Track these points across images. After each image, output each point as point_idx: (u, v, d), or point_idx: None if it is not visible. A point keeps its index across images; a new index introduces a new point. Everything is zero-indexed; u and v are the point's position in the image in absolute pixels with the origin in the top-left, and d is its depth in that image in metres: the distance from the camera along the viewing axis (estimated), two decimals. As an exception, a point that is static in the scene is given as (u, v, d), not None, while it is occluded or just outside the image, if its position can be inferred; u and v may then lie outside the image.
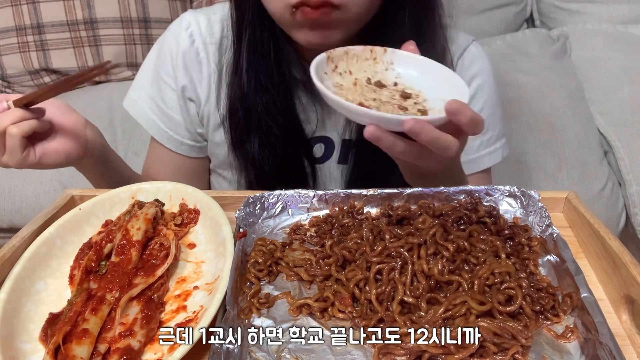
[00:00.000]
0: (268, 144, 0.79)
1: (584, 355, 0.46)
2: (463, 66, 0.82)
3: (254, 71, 0.75)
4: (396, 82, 0.63)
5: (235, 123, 0.80)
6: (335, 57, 0.62)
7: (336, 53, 0.62)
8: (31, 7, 1.41)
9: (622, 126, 1.34)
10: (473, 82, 0.83)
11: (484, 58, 0.85)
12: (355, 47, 0.63)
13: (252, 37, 0.74)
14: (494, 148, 0.87)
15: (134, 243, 0.57)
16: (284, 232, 0.63)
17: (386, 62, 0.64)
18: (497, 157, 0.87)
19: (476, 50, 0.84)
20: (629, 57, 1.52)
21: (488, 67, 0.85)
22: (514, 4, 1.75)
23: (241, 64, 0.76)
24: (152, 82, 0.86)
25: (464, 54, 0.83)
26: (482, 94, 0.83)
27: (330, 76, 0.61)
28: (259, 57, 0.75)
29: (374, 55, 0.64)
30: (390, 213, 0.61)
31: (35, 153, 0.67)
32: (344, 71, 0.63)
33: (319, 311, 0.51)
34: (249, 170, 0.84)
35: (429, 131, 0.50)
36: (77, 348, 0.46)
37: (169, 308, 0.53)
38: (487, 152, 0.86)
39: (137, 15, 1.46)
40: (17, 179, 1.26)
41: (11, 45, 1.45)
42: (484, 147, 0.86)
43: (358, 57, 0.63)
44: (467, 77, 0.82)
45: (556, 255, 0.55)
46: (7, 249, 0.56)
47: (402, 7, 0.71)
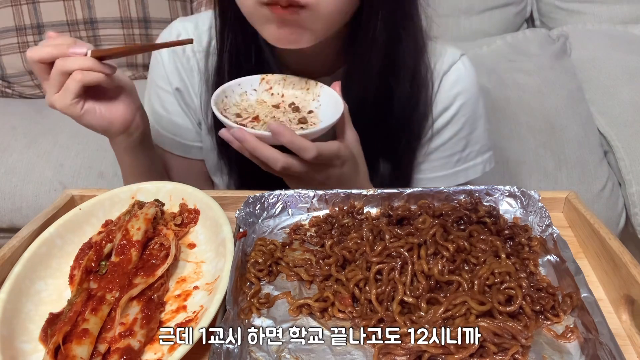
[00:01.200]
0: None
1: (584, 355, 0.46)
2: (447, 83, 0.82)
3: (236, 75, 0.76)
4: (311, 111, 0.74)
5: (218, 126, 0.81)
6: (271, 80, 0.76)
7: (273, 78, 0.76)
8: (31, 7, 1.41)
9: (622, 126, 1.34)
10: (456, 101, 0.83)
11: (470, 76, 0.84)
12: (293, 76, 0.75)
13: (234, 42, 0.76)
14: (473, 163, 0.88)
15: (134, 243, 0.57)
16: (284, 232, 0.63)
17: (314, 94, 0.75)
18: (476, 172, 0.88)
19: (463, 68, 0.83)
20: (629, 57, 1.52)
21: (473, 85, 0.85)
22: (514, 4, 1.75)
23: (224, 68, 0.78)
24: (152, 93, 0.88)
25: (450, 71, 0.82)
26: (463, 113, 0.84)
27: (259, 93, 0.75)
28: (240, 62, 0.77)
29: (307, 86, 0.76)
30: (390, 213, 0.61)
31: (83, 106, 0.68)
32: (277, 93, 0.76)
33: (319, 311, 0.51)
34: (232, 175, 0.86)
35: (250, 140, 0.61)
36: (77, 348, 0.46)
37: (169, 308, 0.53)
38: (464, 168, 0.87)
39: (137, 15, 1.46)
40: (17, 179, 1.26)
41: (11, 45, 1.45)
42: (462, 163, 0.87)
43: (294, 84, 0.76)
44: (450, 96, 0.82)
45: (556, 255, 0.55)
46: (7, 249, 0.56)
47: (374, 15, 0.70)
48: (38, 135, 1.34)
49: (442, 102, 0.82)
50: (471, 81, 0.84)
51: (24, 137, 1.33)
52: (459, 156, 0.86)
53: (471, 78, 0.84)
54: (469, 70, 0.84)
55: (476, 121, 0.86)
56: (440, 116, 0.83)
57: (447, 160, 0.86)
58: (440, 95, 0.82)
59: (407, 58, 0.76)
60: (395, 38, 0.74)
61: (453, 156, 0.86)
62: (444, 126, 0.83)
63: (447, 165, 0.86)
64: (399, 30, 0.74)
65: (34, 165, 1.27)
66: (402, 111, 0.78)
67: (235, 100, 0.74)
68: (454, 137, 0.84)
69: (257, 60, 0.77)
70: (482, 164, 0.88)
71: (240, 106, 0.73)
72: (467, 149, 0.86)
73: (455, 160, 0.86)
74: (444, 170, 0.86)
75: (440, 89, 0.82)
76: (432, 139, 0.84)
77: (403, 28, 0.74)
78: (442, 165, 0.86)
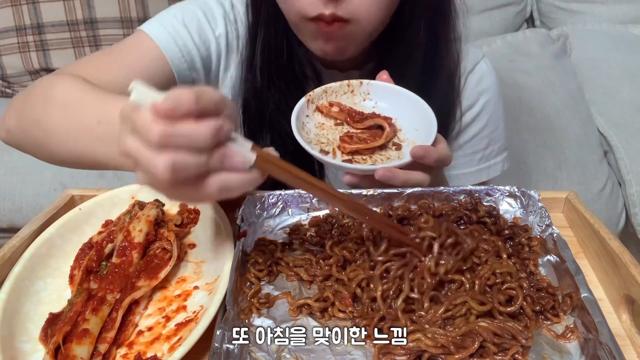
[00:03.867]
0: (279, 140, 0.80)
1: (584, 355, 0.46)
2: (473, 82, 0.84)
3: (267, 69, 0.76)
4: (373, 112, 0.68)
5: (249, 118, 0.82)
6: (315, 97, 0.68)
7: (315, 94, 0.68)
8: (31, 7, 1.41)
9: (622, 126, 1.35)
10: (480, 99, 0.84)
11: (492, 75, 0.86)
12: (332, 84, 0.69)
13: (267, 37, 0.76)
14: (494, 162, 0.88)
15: (135, 245, 0.57)
16: (284, 232, 0.63)
17: (363, 94, 0.70)
18: (496, 170, 0.89)
19: (486, 67, 0.86)
20: (629, 57, 1.52)
21: (495, 83, 0.87)
22: (514, 4, 1.75)
23: (255, 62, 0.78)
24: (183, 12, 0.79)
25: (475, 69, 0.84)
26: (487, 111, 0.85)
27: (312, 117, 0.67)
28: (272, 56, 0.77)
29: (351, 89, 0.70)
30: (390, 213, 0.61)
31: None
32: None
33: (319, 311, 0.51)
34: None
35: (398, 177, 0.58)
36: (77, 348, 0.46)
37: (169, 308, 0.53)
38: (486, 166, 0.88)
39: (137, 15, 1.46)
40: (17, 179, 1.26)
41: (11, 45, 1.45)
42: (485, 161, 0.88)
43: (336, 92, 0.70)
44: (475, 93, 0.84)
45: (556, 255, 0.55)
46: (7, 249, 0.56)
47: (417, 18, 0.72)
48: (38, 135, 1.33)
49: (467, 100, 0.83)
50: (493, 80, 0.86)
51: (24, 137, 1.33)
52: (481, 154, 0.87)
53: (493, 77, 0.86)
54: (491, 70, 0.86)
55: (498, 119, 0.87)
56: (465, 114, 0.84)
57: (471, 158, 0.86)
58: (465, 93, 0.83)
59: (444, 61, 0.77)
60: (434, 41, 0.75)
61: (476, 154, 0.86)
62: (469, 124, 0.84)
63: (470, 163, 0.87)
64: (437, 34, 0.75)
65: (34, 165, 1.27)
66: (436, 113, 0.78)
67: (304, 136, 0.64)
68: (478, 135, 0.85)
69: (288, 54, 0.77)
70: (501, 162, 0.89)
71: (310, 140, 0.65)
72: (490, 147, 0.87)
73: (479, 158, 0.87)
74: (467, 167, 0.87)
75: (465, 87, 0.83)
76: (457, 137, 0.84)
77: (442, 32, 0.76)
78: (465, 163, 0.86)
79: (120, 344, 0.50)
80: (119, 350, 0.49)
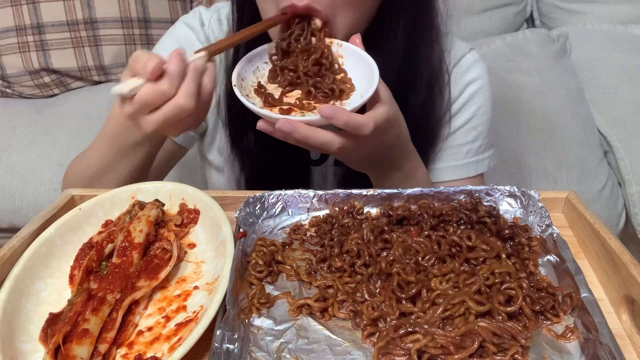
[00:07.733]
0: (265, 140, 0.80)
1: (584, 355, 0.46)
2: (458, 73, 0.83)
3: None
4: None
5: (233, 117, 0.82)
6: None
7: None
8: (31, 7, 1.41)
9: (622, 126, 1.35)
10: (467, 89, 0.83)
11: (480, 67, 0.85)
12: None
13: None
14: (482, 157, 0.88)
15: (136, 245, 0.57)
16: (284, 232, 0.63)
17: (337, 55, 0.68)
18: (483, 166, 0.88)
19: (472, 58, 0.85)
20: (629, 57, 1.52)
21: (484, 75, 0.85)
22: (514, 4, 1.75)
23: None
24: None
25: (460, 62, 0.84)
26: (475, 101, 0.84)
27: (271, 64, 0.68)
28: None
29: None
30: (390, 213, 0.61)
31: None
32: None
33: (319, 311, 0.51)
34: (244, 164, 0.85)
35: (299, 130, 0.56)
36: (77, 348, 0.46)
37: (169, 308, 0.53)
38: (474, 160, 0.87)
39: (137, 15, 1.46)
40: (17, 179, 1.26)
41: (11, 45, 1.45)
42: (472, 155, 0.87)
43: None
44: (461, 84, 0.83)
45: (556, 255, 0.55)
46: (7, 249, 0.56)
47: (397, 18, 0.71)
48: (38, 135, 1.34)
49: (453, 91, 0.82)
50: (481, 71, 0.85)
51: (24, 137, 1.33)
52: (469, 147, 0.86)
53: (481, 69, 0.85)
54: (478, 61, 0.85)
55: (486, 112, 0.86)
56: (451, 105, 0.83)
57: (457, 150, 0.85)
58: (451, 86, 0.82)
59: (424, 65, 0.77)
60: (414, 46, 0.74)
61: (463, 146, 0.85)
62: (455, 114, 0.84)
63: (457, 156, 0.86)
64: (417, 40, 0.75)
65: (34, 166, 1.27)
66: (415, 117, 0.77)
67: (251, 80, 0.67)
68: (464, 126, 0.84)
69: None
70: (488, 159, 0.88)
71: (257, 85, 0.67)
72: (478, 141, 0.86)
73: (466, 150, 0.86)
74: (454, 160, 0.86)
75: (450, 80, 0.82)
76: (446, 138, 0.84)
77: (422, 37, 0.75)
78: (452, 155, 0.85)
79: (120, 344, 0.50)
80: (119, 351, 0.49)
